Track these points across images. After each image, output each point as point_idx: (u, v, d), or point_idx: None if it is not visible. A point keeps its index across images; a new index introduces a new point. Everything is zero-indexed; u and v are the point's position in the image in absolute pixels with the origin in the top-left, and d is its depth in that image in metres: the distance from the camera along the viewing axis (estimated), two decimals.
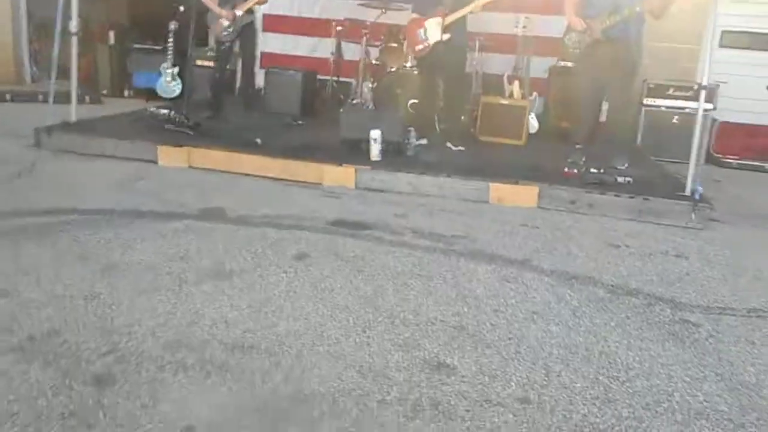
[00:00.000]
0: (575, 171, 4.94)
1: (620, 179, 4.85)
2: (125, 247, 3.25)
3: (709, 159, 6.88)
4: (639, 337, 2.70)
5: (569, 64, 7.11)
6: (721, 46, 7.73)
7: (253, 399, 2.08)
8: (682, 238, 4.14)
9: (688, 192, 4.59)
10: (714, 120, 7.06)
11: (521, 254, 3.59)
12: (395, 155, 5.15)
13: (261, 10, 7.69)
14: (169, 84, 8.21)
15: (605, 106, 5.63)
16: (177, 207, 4.00)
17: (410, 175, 4.79)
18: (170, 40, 8.12)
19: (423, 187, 4.74)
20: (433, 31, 5.72)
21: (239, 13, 6.09)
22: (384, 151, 5.07)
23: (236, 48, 6.50)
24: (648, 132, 6.98)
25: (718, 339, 2.75)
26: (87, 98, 7.95)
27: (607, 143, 5.43)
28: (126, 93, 8.84)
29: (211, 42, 8.06)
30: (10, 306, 2.56)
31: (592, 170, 4.95)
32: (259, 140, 5.28)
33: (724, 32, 7.66)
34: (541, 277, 3.28)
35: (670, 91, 6.99)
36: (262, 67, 8.34)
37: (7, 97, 7.51)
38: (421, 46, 5.80)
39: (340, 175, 4.84)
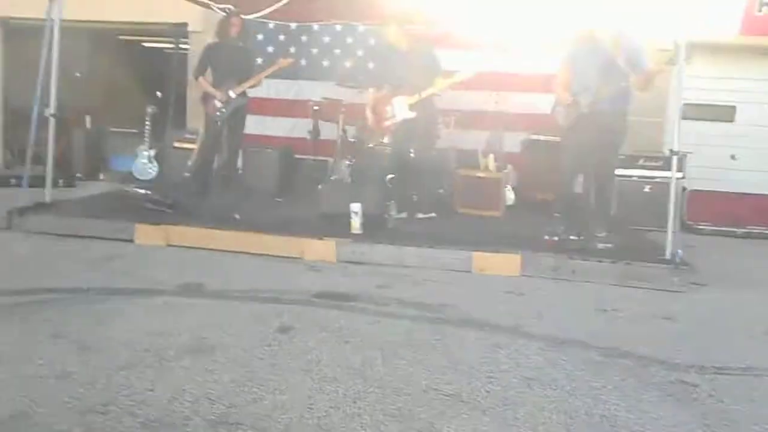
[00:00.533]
0: (556, 239, 4.97)
1: (601, 246, 4.88)
2: (100, 324, 3.11)
3: (682, 226, 7.00)
4: (638, 398, 2.62)
5: (541, 137, 7.35)
6: (684, 118, 8.05)
7: None
8: (667, 301, 4.13)
9: (668, 256, 4.62)
10: (684, 188, 7.24)
11: (510, 321, 3.52)
12: (376, 228, 5.13)
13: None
14: (146, 166, 8.23)
15: (580, 178, 5.74)
16: (154, 284, 3.88)
17: (392, 246, 4.75)
18: (147, 123, 8.23)
19: (405, 258, 4.70)
20: (400, 108, 5.87)
21: (233, 94, 6.13)
22: (364, 225, 5.05)
23: (225, 130, 6.44)
24: (621, 201, 7.10)
25: (717, 398, 2.68)
26: (61, 182, 7.86)
27: (585, 213, 5.50)
28: (101, 176, 8.79)
29: (190, 125, 8.16)
30: None
31: (573, 237, 4.99)
32: (237, 216, 5.24)
33: (685, 105, 7.99)
34: (532, 342, 3.20)
35: (641, 162, 7.18)
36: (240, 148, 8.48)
37: None
38: (388, 122, 5.93)
39: (320, 249, 4.78)
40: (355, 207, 5.00)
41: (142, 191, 5.67)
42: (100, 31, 8.91)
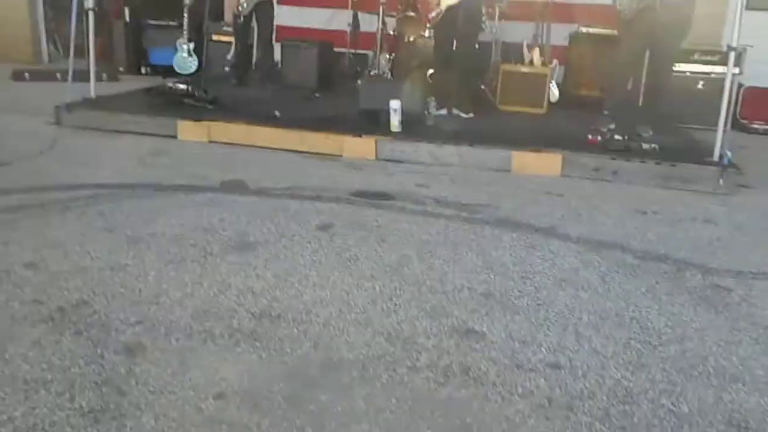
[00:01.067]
0: (599, 138, 4.85)
1: (646, 146, 4.75)
2: (149, 219, 3.25)
3: (735, 125, 6.70)
4: (670, 302, 2.66)
5: (592, 30, 7.00)
6: (748, 8, 7.50)
7: (282, 366, 2.07)
8: (711, 204, 4.06)
9: (716, 157, 4.49)
10: (740, 85, 6.87)
11: (546, 222, 3.54)
12: (415, 126, 5.08)
13: None
14: (186, 60, 8.18)
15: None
16: (198, 180, 3.99)
17: (431, 145, 4.73)
18: (185, 15, 8.09)
19: (444, 156, 4.69)
20: None
21: None
22: (404, 122, 5.01)
23: (253, 23, 6.46)
24: (672, 98, 6.80)
25: (750, 303, 2.69)
26: (104, 76, 7.94)
27: (634, 110, 5.33)
28: (143, 70, 8.82)
29: (227, 17, 8.01)
30: (39, 278, 2.57)
31: (617, 137, 4.86)
32: (277, 113, 5.24)
33: None
34: (567, 244, 3.23)
35: (696, 56, 6.80)
36: (277, 40, 8.32)
37: (26, 76, 7.51)
38: (433, 13, 5.70)
39: (360, 147, 4.80)
40: (395, 104, 4.94)
41: (183, 86, 5.67)
42: None
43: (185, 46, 8.13)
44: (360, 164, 4.60)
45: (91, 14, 5.52)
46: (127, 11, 8.91)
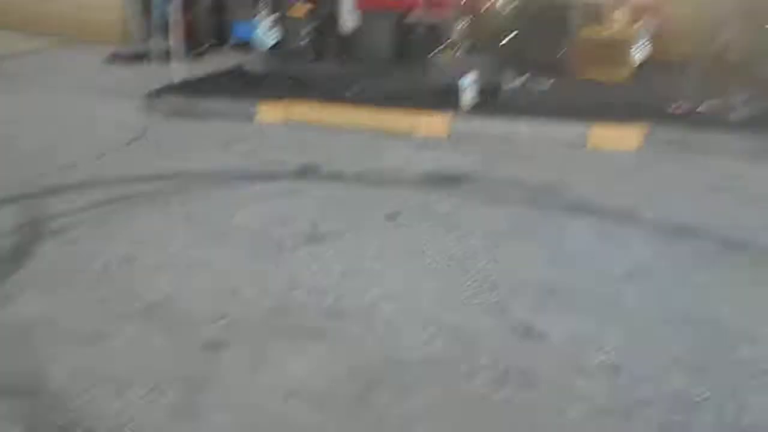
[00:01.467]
0: (683, 107, 4.62)
1: (734, 115, 4.48)
2: (228, 212, 3.44)
3: None
4: (746, 298, 2.56)
5: None
6: None
7: (347, 366, 2.19)
8: None
9: None
10: None
11: (621, 204, 3.45)
12: (490, 98, 5.02)
13: None
14: (267, 33, 8.36)
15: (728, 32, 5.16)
16: (276, 166, 4.16)
17: (504, 120, 4.67)
18: None
19: (518, 132, 4.63)
20: None
21: None
22: (479, 94, 4.95)
23: None
24: None
25: None
26: (191, 53, 8.26)
27: (730, 73, 5.01)
28: (227, 44, 9.10)
29: None
30: (130, 274, 2.81)
31: (703, 106, 4.61)
32: (352, 92, 5.32)
33: None
34: (640, 230, 3.15)
35: None
36: (359, 7, 8.34)
37: (118, 58, 7.92)
38: None
39: (433, 124, 4.81)
40: (467, 80, 4.88)
41: (260, 68, 5.83)
42: None
43: (266, 21, 8.32)
44: (433, 143, 4.62)
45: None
46: None
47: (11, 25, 10.60)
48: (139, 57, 7.86)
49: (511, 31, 5.99)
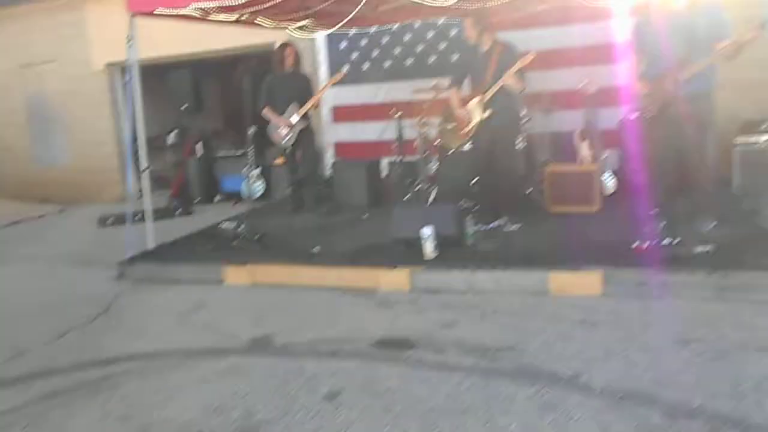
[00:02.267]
0: (646, 244, 4.54)
1: (699, 249, 4.39)
2: (166, 399, 3.34)
3: None
4: None
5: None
6: None
7: None
8: None
9: None
10: None
11: (572, 367, 3.29)
12: (453, 248, 4.99)
13: (331, 103, 8.20)
14: (254, 185, 8.67)
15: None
16: (228, 339, 4.10)
17: (465, 271, 4.61)
18: (251, 144, 8.62)
19: (479, 283, 4.55)
20: (474, 110, 5.66)
21: (295, 120, 6.47)
22: (442, 243, 4.93)
23: (297, 153, 6.82)
24: (745, 174, 6.33)
25: None
26: (179, 210, 8.55)
27: (693, 200, 4.99)
28: (216, 198, 9.42)
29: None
30: None
31: (666, 241, 4.53)
32: (316, 249, 5.36)
33: None
34: (588, 400, 2.96)
35: (765, 126, 6.33)
36: (337, 156, 8.68)
37: (109, 221, 8.17)
38: (467, 128, 5.74)
39: (394, 279, 4.76)
40: (427, 231, 4.89)
41: (231, 227, 5.94)
42: (199, 62, 9.41)
43: (253, 173, 8.65)
44: (393, 299, 4.56)
45: (145, 174, 5.95)
46: (199, 146, 9.63)
47: (11, 194, 11.17)
48: (131, 217, 8.12)
49: (477, 177, 6.08)
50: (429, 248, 4.89)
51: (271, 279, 5.15)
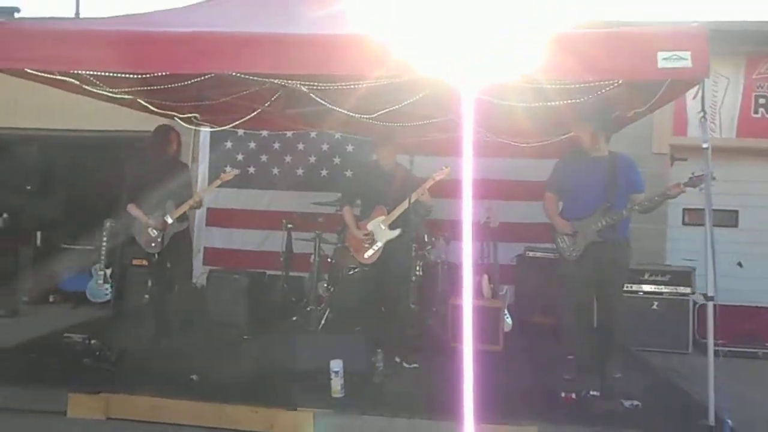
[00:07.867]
0: (574, 396, 4.23)
1: (627, 404, 4.16)
2: None
3: (696, 345, 6.30)
4: None
5: (539, 253, 6.73)
6: (684, 224, 7.53)
7: None
8: None
9: (711, 421, 3.85)
10: (695, 303, 6.58)
11: None
12: (360, 385, 4.31)
13: (206, 204, 7.19)
14: (100, 287, 7.41)
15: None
16: None
17: (381, 418, 3.93)
18: (105, 238, 7.45)
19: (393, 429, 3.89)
20: (379, 232, 5.25)
21: (170, 220, 5.40)
22: (347, 382, 4.23)
23: (166, 262, 5.58)
24: (629, 321, 6.42)
25: None
26: (1, 312, 7.03)
27: (597, 346, 4.84)
28: (51, 298, 7.89)
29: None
30: None
31: (592, 393, 4.25)
32: (195, 377, 4.40)
33: (685, 210, 7.49)
34: None
35: (646, 276, 6.57)
36: (206, 263, 7.69)
37: None
38: (371, 252, 5.27)
39: (293, 423, 3.95)
40: (335, 365, 4.19)
41: (81, 339, 4.80)
42: (54, 139, 8.24)
43: (101, 273, 7.42)
44: None
45: None
46: (39, 235, 8.22)
47: None
48: None
49: (375, 302, 5.53)
50: (337, 385, 4.18)
51: (133, 414, 4.08)
